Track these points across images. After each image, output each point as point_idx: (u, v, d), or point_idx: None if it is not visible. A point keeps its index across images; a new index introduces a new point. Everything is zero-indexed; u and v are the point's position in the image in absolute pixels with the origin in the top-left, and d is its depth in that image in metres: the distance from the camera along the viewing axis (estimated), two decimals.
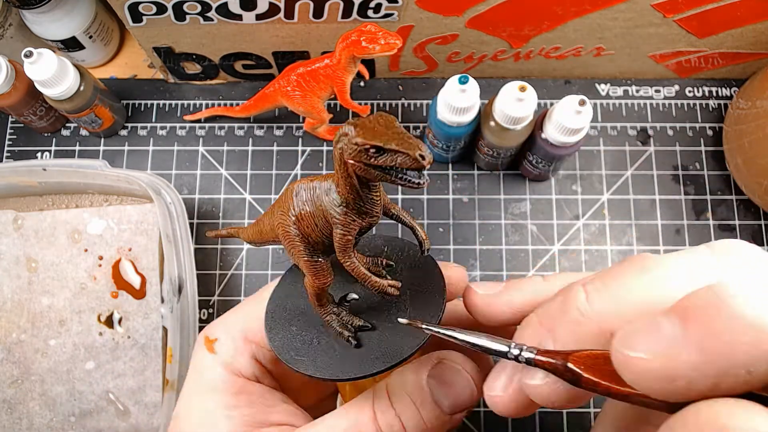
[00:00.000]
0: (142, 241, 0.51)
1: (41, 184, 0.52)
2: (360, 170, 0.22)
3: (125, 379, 0.49)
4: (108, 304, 0.51)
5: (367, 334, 0.27)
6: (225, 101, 0.58)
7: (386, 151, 0.21)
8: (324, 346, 0.27)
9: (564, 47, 0.52)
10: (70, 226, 0.52)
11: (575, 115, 0.44)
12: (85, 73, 0.51)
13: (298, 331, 0.28)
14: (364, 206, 0.24)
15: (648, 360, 0.16)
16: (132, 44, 0.61)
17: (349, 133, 0.21)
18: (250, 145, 0.57)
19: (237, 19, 0.47)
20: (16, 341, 0.50)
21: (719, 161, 0.55)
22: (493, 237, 0.54)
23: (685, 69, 0.56)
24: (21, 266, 0.51)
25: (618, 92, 0.57)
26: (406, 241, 0.31)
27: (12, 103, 0.51)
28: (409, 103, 0.57)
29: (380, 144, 0.21)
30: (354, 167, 0.22)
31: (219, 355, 0.31)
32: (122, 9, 0.46)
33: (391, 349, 0.26)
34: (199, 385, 0.30)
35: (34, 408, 0.49)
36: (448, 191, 0.55)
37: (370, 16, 0.47)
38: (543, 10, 0.47)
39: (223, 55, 0.54)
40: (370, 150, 0.21)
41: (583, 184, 0.55)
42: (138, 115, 0.58)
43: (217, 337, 0.31)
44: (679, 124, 0.56)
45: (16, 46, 0.55)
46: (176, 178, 0.56)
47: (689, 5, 0.47)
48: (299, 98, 0.50)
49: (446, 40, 0.51)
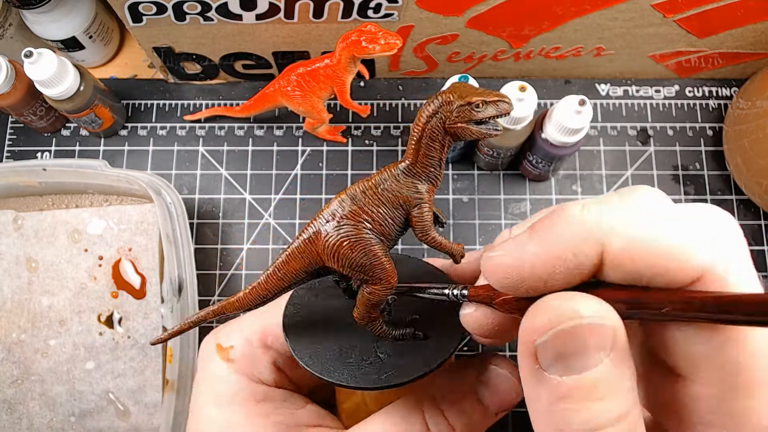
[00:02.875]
0: (142, 241, 0.51)
1: (41, 184, 0.52)
2: (460, 131, 0.25)
3: (125, 379, 0.49)
4: (108, 304, 0.51)
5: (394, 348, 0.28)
6: (225, 101, 0.58)
7: (489, 103, 0.25)
8: (355, 358, 0.28)
9: (564, 47, 0.52)
10: (70, 226, 0.52)
11: (575, 115, 0.44)
12: (85, 73, 0.51)
13: (324, 341, 0.29)
14: (438, 176, 0.26)
15: (501, 255, 0.21)
16: (132, 44, 0.61)
17: (452, 98, 0.25)
18: (250, 145, 0.57)
19: (237, 19, 0.47)
20: (16, 341, 0.50)
21: (719, 161, 0.55)
22: (493, 237, 0.54)
23: (685, 69, 0.56)
24: (21, 266, 0.51)
25: (618, 92, 0.57)
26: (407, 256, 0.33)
27: (12, 103, 0.51)
28: (409, 103, 0.57)
29: (484, 98, 0.25)
30: (456, 129, 0.25)
31: (237, 363, 0.30)
32: (122, 9, 0.46)
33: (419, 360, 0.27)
34: (218, 397, 0.30)
35: (34, 408, 0.49)
36: (448, 191, 0.55)
37: (370, 16, 0.47)
38: (543, 10, 0.47)
39: (223, 55, 0.54)
40: (479, 104, 0.24)
41: (583, 184, 0.55)
42: (138, 115, 0.58)
43: (232, 344, 0.31)
44: (679, 124, 0.56)
45: (16, 46, 0.55)
46: (176, 178, 0.56)
47: (689, 5, 0.47)
48: (299, 98, 0.50)
49: (446, 40, 0.51)
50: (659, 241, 0.18)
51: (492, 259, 0.21)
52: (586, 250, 0.19)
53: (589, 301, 0.18)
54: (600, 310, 0.18)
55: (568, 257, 0.19)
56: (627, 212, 0.19)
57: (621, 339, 0.18)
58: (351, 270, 0.26)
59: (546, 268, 0.19)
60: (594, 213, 0.19)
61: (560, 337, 0.18)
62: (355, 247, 0.25)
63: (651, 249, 0.18)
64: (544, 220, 0.20)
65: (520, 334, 0.19)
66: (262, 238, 0.54)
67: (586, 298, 0.19)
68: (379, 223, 0.25)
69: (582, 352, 0.18)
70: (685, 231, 0.18)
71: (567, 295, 0.19)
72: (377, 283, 0.26)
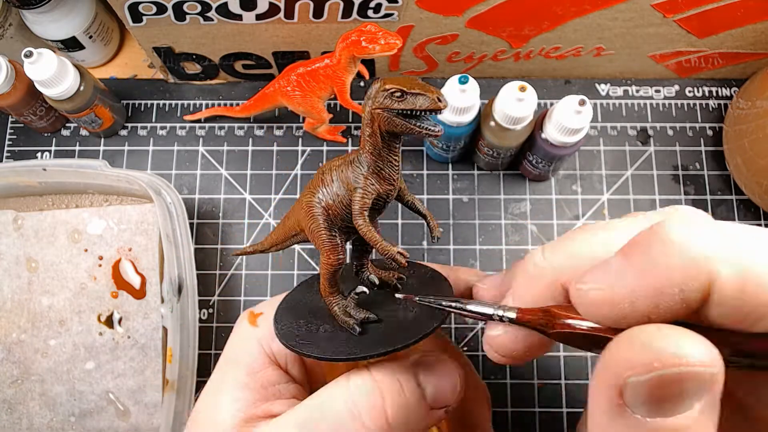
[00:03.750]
0: (142, 241, 0.51)
1: (41, 184, 0.52)
2: (385, 122, 0.25)
3: (125, 379, 0.49)
4: (108, 304, 0.51)
5: (371, 327, 0.28)
6: (225, 101, 0.58)
7: (408, 94, 0.24)
8: (329, 334, 0.28)
9: (564, 47, 0.52)
10: (70, 226, 0.52)
11: (575, 115, 0.44)
12: (85, 73, 0.51)
13: (305, 323, 0.29)
14: (384, 169, 0.26)
15: (597, 289, 0.18)
16: (132, 44, 0.61)
17: (379, 83, 0.25)
18: (250, 145, 0.57)
19: (237, 19, 0.47)
20: (16, 341, 0.50)
21: (719, 161, 0.55)
22: (493, 237, 0.54)
23: (685, 69, 0.56)
24: (21, 266, 0.51)
25: (618, 92, 0.57)
26: (416, 262, 0.33)
27: (12, 103, 0.51)
28: None
29: (404, 88, 0.24)
30: (380, 119, 0.25)
31: (260, 328, 0.31)
32: (122, 9, 0.46)
33: (392, 339, 0.26)
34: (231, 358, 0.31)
35: (34, 408, 0.49)
36: (448, 191, 0.55)
37: (370, 16, 0.47)
38: (543, 10, 0.47)
39: (223, 55, 0.54)
40: (395, 93, 0.24)
41: (583, 184, 0.55)
42: (138, 115, 0.58)
43: (263, 311, 0.32)
44: (679, 124, 0.56)
45: (16, 46, 0.55)
46: (176, 178, 0.56)
47: (689, 5, 0.47)
48: (299, 98, 0.50)
49: (446, 40, 0.51)
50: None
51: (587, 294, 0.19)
52: (694, 285, 0.17)
53: (697, 343, 0.16)
54: (708, 355, 0.16)
55: (675, 292, 0.17)
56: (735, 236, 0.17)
57: (718, 386, 0.16)
58: (308, 234, 0.28)
59: (648, 305, 0.17)
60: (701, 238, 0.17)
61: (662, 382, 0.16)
62: (307, 213, 0.28)
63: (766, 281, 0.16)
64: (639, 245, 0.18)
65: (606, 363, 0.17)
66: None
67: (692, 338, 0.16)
68: (329, 199, 0.27)
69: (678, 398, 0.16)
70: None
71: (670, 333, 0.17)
72: (323, 254, 0.28)
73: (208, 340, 0.52)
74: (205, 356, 0.52)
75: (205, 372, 0.51)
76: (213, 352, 0.52)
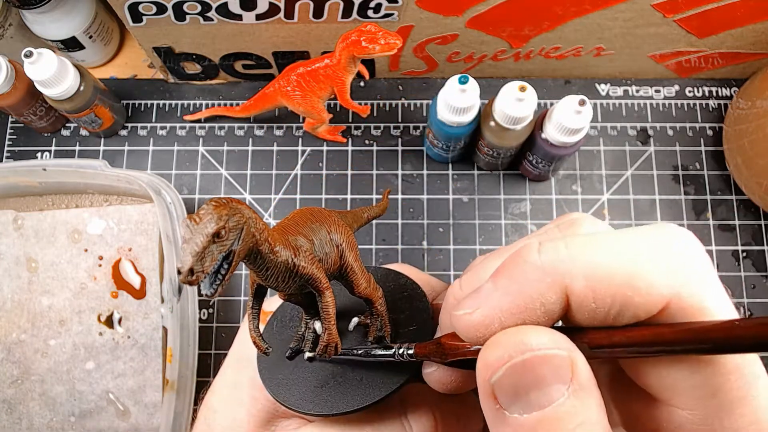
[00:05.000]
0: (142, 241, 0.51)
1: (41, 184, 0.52)
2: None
3: (125, 379, 0.49)
4: (108, 304, 0.51)
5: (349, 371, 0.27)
6: (225, 101, 0.58)
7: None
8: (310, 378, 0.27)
9: (564, 47, 0.52)
10: (70, 226, 0.52)
11: (575, 115, 0.44)
12: (85, 73, 0.51)
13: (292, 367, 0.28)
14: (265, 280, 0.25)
15: (470, 313, 0.19)
16: (132, 44, 0.61)
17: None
18: (250, 145, 0.57)
19: (237, 19, 0.47)
20: (16, 341, 0.50)
21: (719, 161, 0.55)
22: (493, 237, 0.54)
23: (685, 69, 0.56)
24: (21, 266, 0.51)
25: (618, 92, 0.57)
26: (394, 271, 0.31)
27: (12, 103, 0.51)
28: (409, 103, 0.57)
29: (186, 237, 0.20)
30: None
31: None
32: (122, 9, 0.46)
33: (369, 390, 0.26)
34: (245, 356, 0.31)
35: (34, 408, 0.49)
36: (448, 191, 0.55)
37: (370, 16, 0.47)
38: (543, 10, 0.47)
39: (223, 55, 0.54)
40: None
41: (583, 184, 0.55)
42: (138, 115, 0.58)
43: (272, 309, 0.32)
44: (679, 124, 0.56)
45: (16, 46, 0.55)
46: (176, 178, 0.56)
47: (689, 5, 0.47)
48: (299, 98, 0.50)
49: (446, 40, 0.51)
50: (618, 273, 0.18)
51: (461, 319, 0.20)
52: (552, 298, 0.18)
53: (539, 332, 0.18)
54: (551, 340, 0.18)
55: (536, 307, 0.18)
56: (580, 248, 0.18)
57: (581, 369, 0.17)
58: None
59: (516, 321, 0.19)
60: (550, 254, 0.18)
61: (514, 371, 0.17)
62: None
63: (611, 284, 0.18)
64: (505, 268, 0.19)
65: (477, 374, 0.19)
66: None
67: (536, 329, 0.18)
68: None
69: (540, 386, 0.17)
70: (642, 258, 0.18)
71: (517, 329, 0.18)
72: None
73: (208, 340, 0.52)
74: (205, 356, 0.52)
75: (205, 372, 0.51)
76: (213, 352, 0.52)
